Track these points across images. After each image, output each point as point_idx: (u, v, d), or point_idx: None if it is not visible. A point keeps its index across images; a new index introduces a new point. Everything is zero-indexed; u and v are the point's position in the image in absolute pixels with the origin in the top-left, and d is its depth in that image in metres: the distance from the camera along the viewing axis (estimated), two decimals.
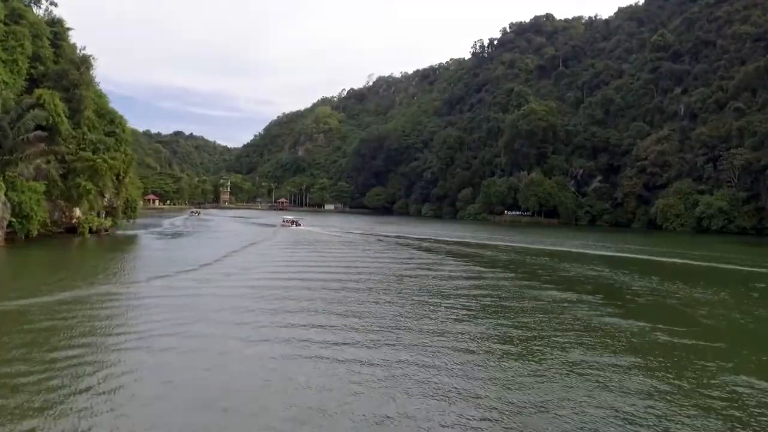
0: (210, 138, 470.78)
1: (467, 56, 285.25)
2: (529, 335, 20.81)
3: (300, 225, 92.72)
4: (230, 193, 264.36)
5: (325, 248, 57.91)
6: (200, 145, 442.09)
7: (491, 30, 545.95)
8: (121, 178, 58.90)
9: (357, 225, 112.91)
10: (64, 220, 55.09)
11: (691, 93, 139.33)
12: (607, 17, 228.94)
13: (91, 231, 56.85)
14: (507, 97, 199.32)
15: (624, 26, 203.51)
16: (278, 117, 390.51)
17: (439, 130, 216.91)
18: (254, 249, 54.16)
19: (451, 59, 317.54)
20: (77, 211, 55.15)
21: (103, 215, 60.07)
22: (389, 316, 23.57)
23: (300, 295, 28.23)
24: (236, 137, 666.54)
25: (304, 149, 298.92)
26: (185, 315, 22.66)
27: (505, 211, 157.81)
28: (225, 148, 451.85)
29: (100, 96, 62.62)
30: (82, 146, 54.30)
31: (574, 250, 62.52)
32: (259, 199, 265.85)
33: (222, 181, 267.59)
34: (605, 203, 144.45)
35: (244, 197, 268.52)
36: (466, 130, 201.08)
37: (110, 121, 59.77)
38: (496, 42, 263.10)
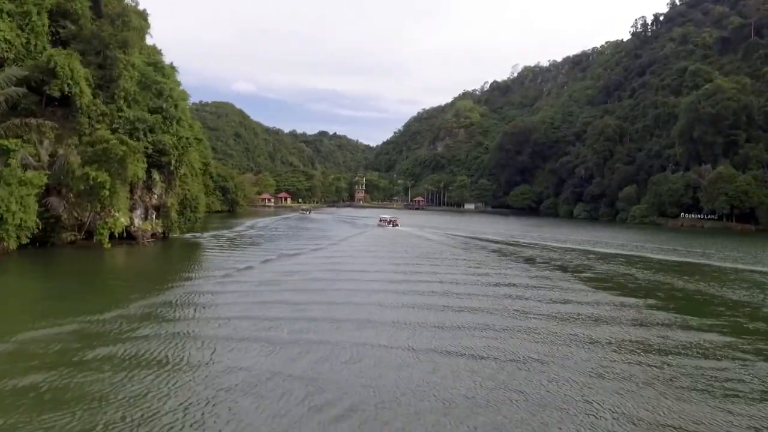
0: (352, 137, 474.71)
1: (625, 37, 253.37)
2: None
3: (397, 225, 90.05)
4: (365, 192, 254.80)
5: (410, 266, 39.97)
6: (343, 144, 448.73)
7: (653, 5, 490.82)
8: (174, 168, 45.28)
9: (489, 228, 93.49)
10: (94, 222, 41.65)
11: None
12: None
13: (130, 236, 43.72)
14: (679, 78, 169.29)
15: None
16: (418, 113, 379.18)
17: (593, 120, 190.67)
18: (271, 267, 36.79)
19: (606, 42, 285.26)
20: (116, 213, 41.42)
21: (153, 217, 46.74)
22: None
23: None
24: (379, 136, 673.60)
25: (444, 145, 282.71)
26: None
27: (682, 214, 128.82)
28: (367, 146, 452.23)
29: (162, 67, 49.55)
30: (115, 126, 41.31)
31: None
32: (395, 198, 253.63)
33: (357, 179, 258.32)
34: None
35: (380, 195, 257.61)
36: (627, 119, 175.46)
37: (158, 93, 46.05)
38: (662, 18, 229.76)
